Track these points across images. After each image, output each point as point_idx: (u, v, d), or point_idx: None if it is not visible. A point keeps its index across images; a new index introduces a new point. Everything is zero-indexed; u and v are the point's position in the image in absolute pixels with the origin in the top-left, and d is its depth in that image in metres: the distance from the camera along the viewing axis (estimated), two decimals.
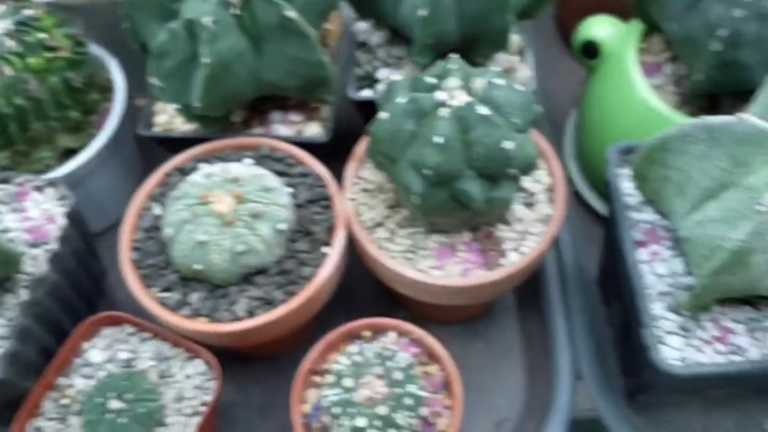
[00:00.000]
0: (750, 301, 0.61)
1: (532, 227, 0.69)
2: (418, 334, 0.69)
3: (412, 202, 0.62)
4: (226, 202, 0.64)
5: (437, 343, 0.68)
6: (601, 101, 0.80)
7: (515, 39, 0.80)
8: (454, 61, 0.62)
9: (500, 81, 0.60)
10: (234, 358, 0.81)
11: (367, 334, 0.70)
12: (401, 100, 0.60)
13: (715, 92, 0.70)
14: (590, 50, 0.80)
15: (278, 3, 0.65)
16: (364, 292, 0.83)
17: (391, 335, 0.70)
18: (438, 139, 0.58)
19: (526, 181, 0.71)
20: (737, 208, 0.53)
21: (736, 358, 0.59)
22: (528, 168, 0.63)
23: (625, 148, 0.68)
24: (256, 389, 0.81)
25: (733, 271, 0.53)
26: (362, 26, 0.81)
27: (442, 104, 0.59)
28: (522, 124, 0.61)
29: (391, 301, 0.82)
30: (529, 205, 0.70)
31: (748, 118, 0.53)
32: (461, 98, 0.59)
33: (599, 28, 0.79)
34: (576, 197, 0.90)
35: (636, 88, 0.74)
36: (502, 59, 0.78)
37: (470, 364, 0.81)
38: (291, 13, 0.65)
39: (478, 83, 0.60)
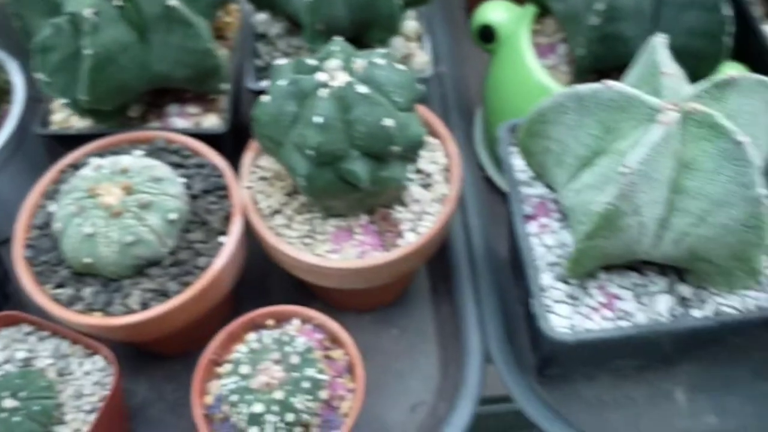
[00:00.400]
0: (635, 267, 0.63)
1: (429, 207, 0.69)
2: (320, 319, 0.69)
3: (299, 184, 0.62)
4: (114, 194, 0.64)
5: (340, 328, 0.68)
6: (500, 84, 0.81)
7: (413, 25, 0.80)
8: (337, 43, 0.62)
9: (381, 61, 0.61)
10: (148, 357, 0.80)
11: (270, 322, 0.69)
12: (282, 82, 0.60)
13: (602, 68, 0.72)
14: (488, 35, 0.81)
15: None
16: (280, 284, 0.83)
17: (295, 322, 0.69)
18: (318, 119, 0.58)
19: (423, 162, 0.72)
20: (606, 173, 0.54)
21: (623, 323, 0.60)
22: (414, 146, 0.63)
23: (513, 126, 0.69)
24: (170, 387, 0.80)
25: (605, 234, 0.54)
26: (261, 18, 0.81)
27: (323, 85, 0.59)
28: (404, 102, 0.62)
29: (306, 292, 0.81)
30: (427, 185, 0.71)
31: (614, 84, 0.54)
32: (342, 78, 0.59)
33: (494, 12, 0.80)
34: (487, 182, 0.91)
35: (530, 69, 0.76)
36: (400, 45, 0.78)
37: (385, 350, 0.81)
38: (173, 2, 0.65)
39: (359, 63, 0.60)
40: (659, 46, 0.58)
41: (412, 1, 0.74)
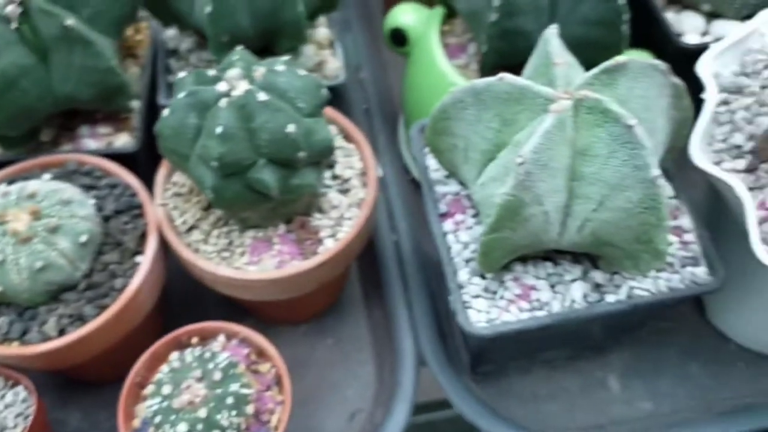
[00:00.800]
0: (550, 257, 0.63)
1: (348, 212, 0.69)
2: (245, 333, 0.68)
3: (208, 197, 0.61)
4: (22, 220, 0.62)
5: (266, 341, 0.67)
6: (415, 86, 0.81)
7: (324, 32, 0.81)
8: (237, 52, 0.62)
9: (282, 68, 0.61)
10: (79, 385, 0.78)
11: (195, 340, 0.68)
12: (182, 95, 0.59)
13: (507, 64, 0.72)
14: (400, 38, 0.82)
15: (57, 13, 0.64)
16: (215, 301, 0.82)
17: (220, 338, 0.69)
18: (219, 130, 0.57)
19: (340, 168, 0.72)
20: (506, 165, 0.55)
21: (540, 313, 0.61)
22: (322, 152, 0.63)
23: (423, 126, 0.69)
24: (104, 415, 0.78)
25: (510, 226, 0.55)
26: (171, 33, 0.80)
27: (224, 95, 0.59)
28: (309, 108, 0.61)
29: (240, 308, 0.80)
30: (344, 191, 0.71)
31: (508, 77, 0.55)
32: (242, 87, 0.59)
33: (404, 15, 0.81)
34: (414, 184, 0.91)
35: (441, 69, 0.76)
36: (311, 53, 0.78)
37: (321, 360, 0.80)
38: (70, 22, 0.64)
39: (259, 72, 0.60)
40: (551, 37, 0.58)
41: (319, 8, 0.74)
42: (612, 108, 0.52)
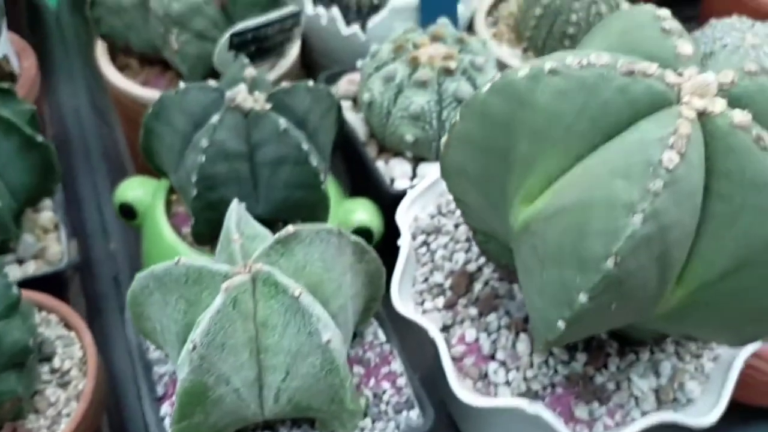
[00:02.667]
0: (269, 425, 0.62)
1: (66, 408, 0.65)
2: None
3: None
4: None
5: None
6: (148, 258, 0.81)
7: (48, 216, 0.79)
8: None
9: None
10: None
11: None
12: None
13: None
14: (130, 212, 0.81)
15: None
16: None
17: None
18: None
19: (59, 360, 0.68)
20: (187, 348, 0.54)
21: None
22: (19, 354, 0.60)
23: None
24: None
25: (200, 411, 0.54)
26: None
27: None
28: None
29: None
30: (64, 384, 0.67)
31: (183, 259, 0.56)
32: None
33: (130, 190, 0.81)
34: None
35: (168, 241, 0.76)
36: (30, 241, 0.76)
37: None
38: None
39: None
40: (232, 212, 0.60)
41: (33, 197, 0.73)
42: (280, 280, 0.53)
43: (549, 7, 0.93)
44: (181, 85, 0.72)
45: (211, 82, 0.73)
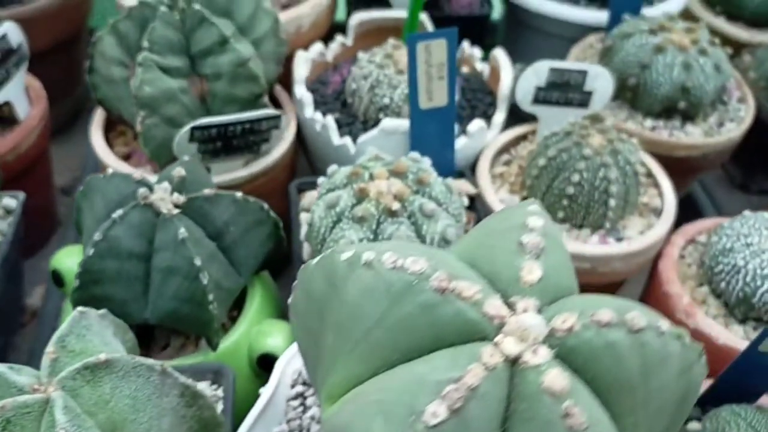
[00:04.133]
0: None
1: None
2: None
3: None
4: None
5: None
6: None
7: None
8: None
9: None
10: None
11: None
12: None
13: None
14: (59, 280, 0.80)
15: None
16: None
17: None
18: None
19: None
20: None
21: None
22: None
23: None
24: None
25: None
26: None
27: None
28: None
29: None
30: None
31: None
32: None
33: (64, 258, 0.79)
34: None
35: None
36: None
37: None
38: None
39: None
40: (67, 320, 0.56)
41: None
42: (55, 415, 0.48)
43: (554, 159, 0.84)
44: (109, 171, 0.71)
45: (136, 174, 0.71)
